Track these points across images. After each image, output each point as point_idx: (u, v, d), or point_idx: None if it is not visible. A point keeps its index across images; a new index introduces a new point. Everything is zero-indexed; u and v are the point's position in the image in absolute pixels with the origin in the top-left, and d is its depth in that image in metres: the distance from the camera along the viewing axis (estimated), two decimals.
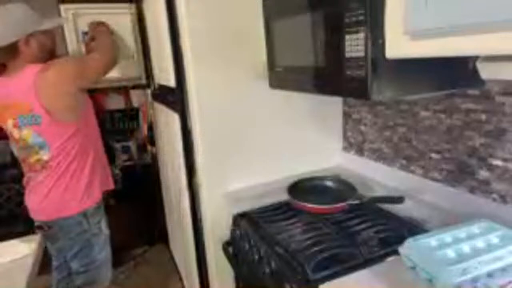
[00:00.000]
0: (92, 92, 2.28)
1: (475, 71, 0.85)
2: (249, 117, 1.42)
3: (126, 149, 3.00)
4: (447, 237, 0.86)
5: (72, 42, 1.83)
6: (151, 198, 2.67)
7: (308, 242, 1.01)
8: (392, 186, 1.37)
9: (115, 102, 3.21)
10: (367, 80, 0.78)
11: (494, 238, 0.84)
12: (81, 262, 1.53)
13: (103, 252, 1.58)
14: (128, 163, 2.93)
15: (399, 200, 1.15)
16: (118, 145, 3.00)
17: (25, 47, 1.38)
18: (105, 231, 1.60)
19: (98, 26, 1.73)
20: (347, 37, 0.81)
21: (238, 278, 1.42)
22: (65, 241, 1.49)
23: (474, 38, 0.56)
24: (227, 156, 1.42)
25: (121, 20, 1.87)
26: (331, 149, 1.66)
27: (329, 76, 0.93)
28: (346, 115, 1.63)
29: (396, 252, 0.88)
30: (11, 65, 1.40)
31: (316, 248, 0.96)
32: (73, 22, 1.82)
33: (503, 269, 0.77)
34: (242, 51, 1.34)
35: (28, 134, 1.40)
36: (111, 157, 2.90)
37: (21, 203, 2.72)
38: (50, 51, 1.48)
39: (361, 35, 0.77)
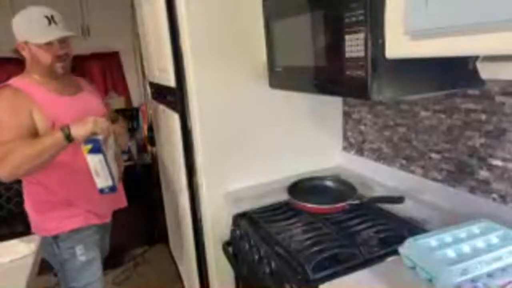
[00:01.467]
0: None
1: (475, 71, 0.85)
2: (249, 117, 1.42)
3: (126, 149, 3.01)
4: (447, 237, 0.86)
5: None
6: (151, 198, 2.68)
7: (308, 242, 1.01)
8: (392, 186, 1.37)
9: (115, 102, 3.22)
10: (367, 80, 0.78)
11: (494, 238, 0.84)
12: (63, 283, 1.44)
13: (80, 280, 1.41)
14: (128, 163, 2.93)
15: (399, 200, 1.15)
16: None
17: (22, 51, 1.31)
18: (81, 257, 1.40)
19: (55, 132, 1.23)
20: (347, 37, 0.81)
21: (238, 278, 1.42)
22: (47, 255, 1.42)
23: (474, 38, 0.57)
24: (227, 156, 1.42)
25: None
26: (331, 149, 1.66)
27: (329, 76, 0.93)
28: (346, 115, 1.63)
29: (396, 252, 0.88)
30: None
31: (316, 248, 0.96)
32: None
33: (503, 269, 0.77)
34: (242, 51, 1.34)
35: None
36: None
37: (21, 203, 2.74)
38: (48, 68, 1.30)
39: (361, 35, 0.77)
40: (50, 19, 1.27)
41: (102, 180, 1.30)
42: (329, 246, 0.97)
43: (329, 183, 1.37)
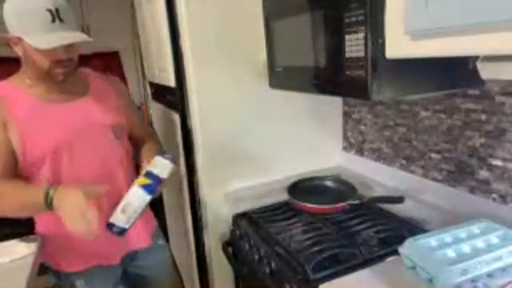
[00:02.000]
0: None
1: (475, 71, 0.85)
2: (249, 117, 1.42)
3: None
4: (447, 237, 0.86)
5: None
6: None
7: (308, 242, 1.01)
8: (392, 186, 1.37)
9: None
10: (367, 80, 0.78)
11: (494, 238, 0.84)
12: None
13: None
14: None
15: (399, 200, 1.15)
16: None
17: (15, 47, 1.03)
18: None
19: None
20: (347, 37, 0.81)
21: (238, 278, 1.42)
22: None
23: (474, 38, 0.57)
24: (227, 156, 1.41)
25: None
26: (331, 149, 1.66)
27: (329, 76, 0.93)
28: (346, 115, 1.63)
29: (396, 252, 0.88)
30: None
31: (316, 248, 0.96)
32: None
33: (503, 269, 0.77)
34: (243, 51, 1.34)
35: None
36: None
37: None
38: (45, 73, 1.04)
39: (361, 35, 0.77)
40: (54, 14, 0.97)
41: (121, 219, 1.07)
42: (329, 246, 0.97)
43: (329, 183, 1.38)
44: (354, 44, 0.79)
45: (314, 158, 1.60)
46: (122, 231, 1.09)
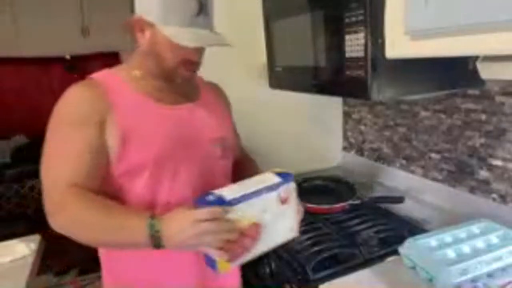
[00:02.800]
0: None
1: (475, 71, 0.85)
2: (249, 117, 1.42)
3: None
4: (447, 237, 0.86)
5: None
6: None
7: (308, 242, 1.01)
8: (392, 186, 1.37)
9: None
10: (367, 80, 0.78)
11: (494, 238, 0.84)
12: None
13: None
14: None
15: (399, 200, 1.15)
16: None
17: (139, 33, 0.85)
18: None
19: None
20: (347, 37, 0.81)
21: None
22: None
23: (474, 38, 0.57)
24: None
25: None
26: (331, 149, 1.66)
27: (329, 76, 0.93)
28: (346, 115, 1.63)
29: (396, 252, 0.88)
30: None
31: (316, 248, 0.96)
32: None
33: (503, 269, 0.77)
34: (243, 51, 1.34)
35: None
36: None
37: (22, 204, 2.73)
38: (166, 71, 0.85)
39: (361, 35, 0.77)
40: (202, 7, 0.82)
41: (227, 190, 0.77)
42: (329, 246, 0.97)
43: (329, 183, 1.37)
44: (354, 44, 0.79)
45: (314, 158, 1.60)
46: (218, 199, 0.73)
